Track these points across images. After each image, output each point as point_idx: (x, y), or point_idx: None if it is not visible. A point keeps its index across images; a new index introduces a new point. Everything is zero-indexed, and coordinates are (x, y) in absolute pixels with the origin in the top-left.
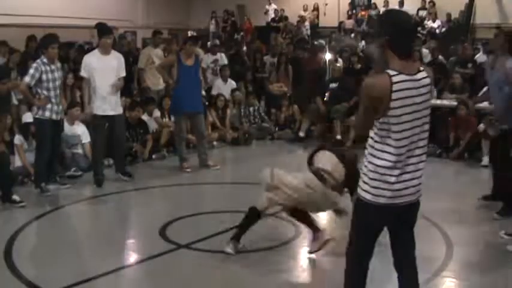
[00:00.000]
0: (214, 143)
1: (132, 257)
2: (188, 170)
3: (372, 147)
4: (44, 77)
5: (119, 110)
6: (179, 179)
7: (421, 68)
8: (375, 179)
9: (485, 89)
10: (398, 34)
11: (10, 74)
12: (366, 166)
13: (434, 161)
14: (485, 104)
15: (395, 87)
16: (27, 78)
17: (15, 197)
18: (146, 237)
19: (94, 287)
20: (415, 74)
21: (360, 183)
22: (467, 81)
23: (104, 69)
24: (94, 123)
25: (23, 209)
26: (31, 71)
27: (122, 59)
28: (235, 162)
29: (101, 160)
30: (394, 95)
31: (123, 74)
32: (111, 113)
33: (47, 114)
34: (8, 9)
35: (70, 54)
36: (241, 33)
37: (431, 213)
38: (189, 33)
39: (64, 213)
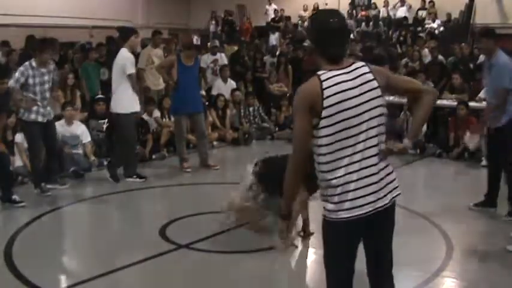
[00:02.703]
0: (214, 143)
1: (132, 257)
2: (188, 170)
3: (318, 163)
4: (30, 81)
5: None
6: (179, 179)
7: (357, 63)
8: (332, 195)
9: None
10: (321, 38)
11: (10, 73)
12: (320, 185)
13: (434, 161)
14: (484, 104)
15: (325, 84)
16: (11, 82)
17: (15, 197)
18: (146, 237)
19: (94, 287)
20: (347, 67)
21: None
22: (467, 82)
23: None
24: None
25: (23, 209)
26: (16, 74)
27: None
28: (235, 162)
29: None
30: (326, 92)
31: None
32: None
33: (32, 116)
34: (8, 9)
35: (69, 55)
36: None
37: (431, 213)
38: (194, 40)
39: (64, 213)
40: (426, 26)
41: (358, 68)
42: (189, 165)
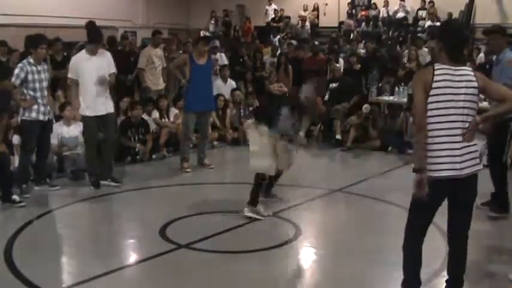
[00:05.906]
0: (215, 143)
1: (132, 257)
2: (188, 170)
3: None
4: (29, 77)
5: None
6: (179, 179)
7: (466, 67)
8: (429, 156)
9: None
10: (451, 43)
11: (11, 73)
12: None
13: None
14: (485, 104)
15: (436, 72)
16: (12, 79)
17: (15, 197)
18: (146, 237)
19: (94, 287)
20: (456, 68)
21: None
22: None
23: (91, 69)
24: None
25: (23, 209)
26: (16, 71)
27: (110, 57)
28: (235, 162)
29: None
30: (435, 78)
31: (113, 70)
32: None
33: (34, 115)
34: (8, 9)
35: (72, 54)
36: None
37: None
38: (202, 33)
39: (64, 213)
40: (426, 26)
41: (464, 70)
42: (189, 165)
